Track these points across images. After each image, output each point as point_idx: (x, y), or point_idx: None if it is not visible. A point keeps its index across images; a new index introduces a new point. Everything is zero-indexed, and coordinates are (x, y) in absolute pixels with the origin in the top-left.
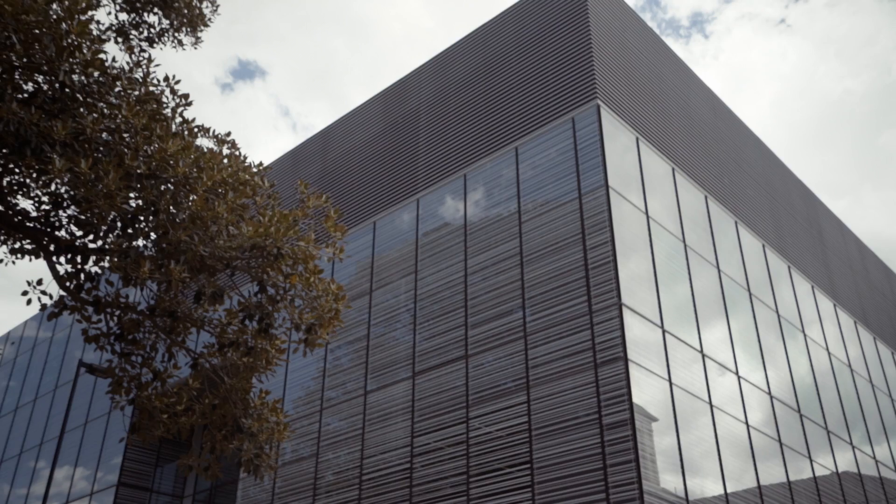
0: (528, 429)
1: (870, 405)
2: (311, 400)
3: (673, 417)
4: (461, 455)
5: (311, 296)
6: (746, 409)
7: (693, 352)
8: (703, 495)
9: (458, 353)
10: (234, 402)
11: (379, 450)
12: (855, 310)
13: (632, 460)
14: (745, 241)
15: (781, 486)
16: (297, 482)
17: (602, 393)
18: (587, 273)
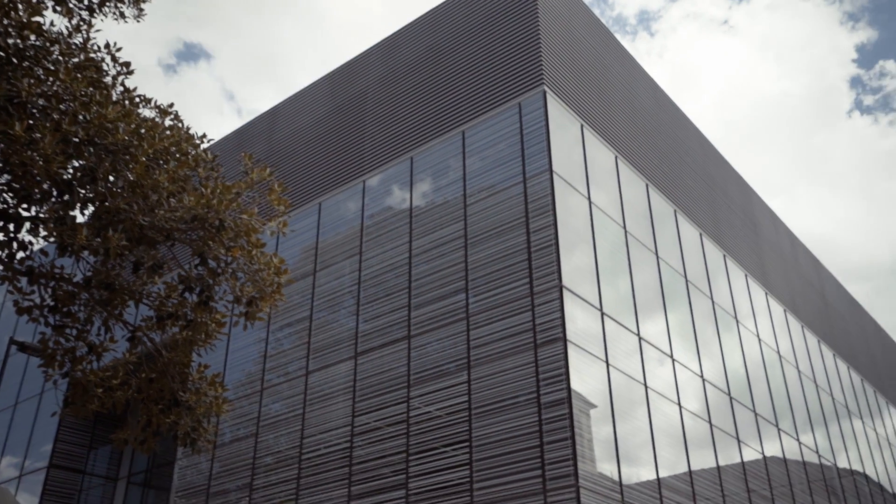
0: (467, 408)
1: (797, 393)
2: (251, 381)
3: (610, 406)
4: (401, 434)
5: (252, 269)
6: (682, 398)
7: (632, 337)
8: (638, 480)
9: (401, 333)
10: (171, 376)
11: (319, 430)
12: (785, 299)
13: (567, 438)
14: (684, 231)
15: (711, 471)
16: (235, 463)
17: (541, 373)
18: (530, 256)
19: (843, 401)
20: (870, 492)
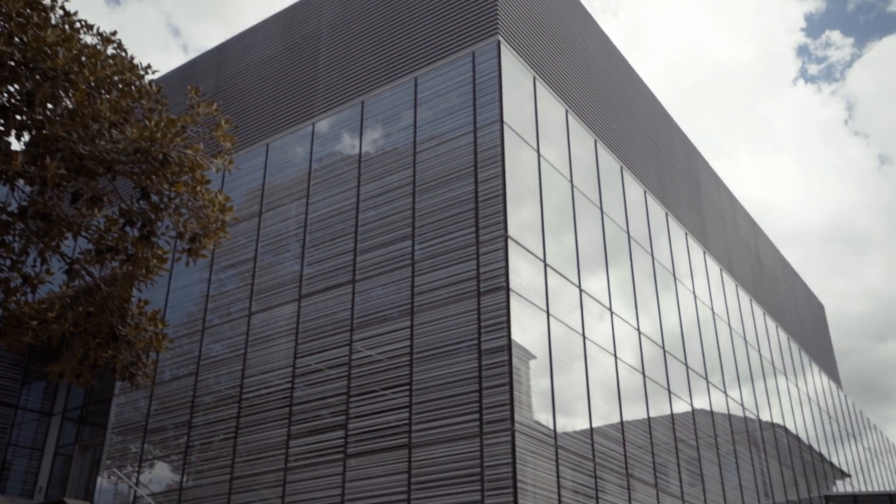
0: (409, 353)
1: (727, 349)
2: (192, 321)
3: (549, 358)
4: (343, 376)
5: (196, 206)
6: (619, 351)
7: (573, 291)
8: (573, 429)
9: (346, 278)
10: (110, 311)
11: (260, 370)
12: (722, 259)
13: (506, 384)
14: (629, 188)
15: (642, 422)
16: (174, 401)
17: (483, 321)
18: (477, 206)
19: (769, 358)
20: (787, 443)
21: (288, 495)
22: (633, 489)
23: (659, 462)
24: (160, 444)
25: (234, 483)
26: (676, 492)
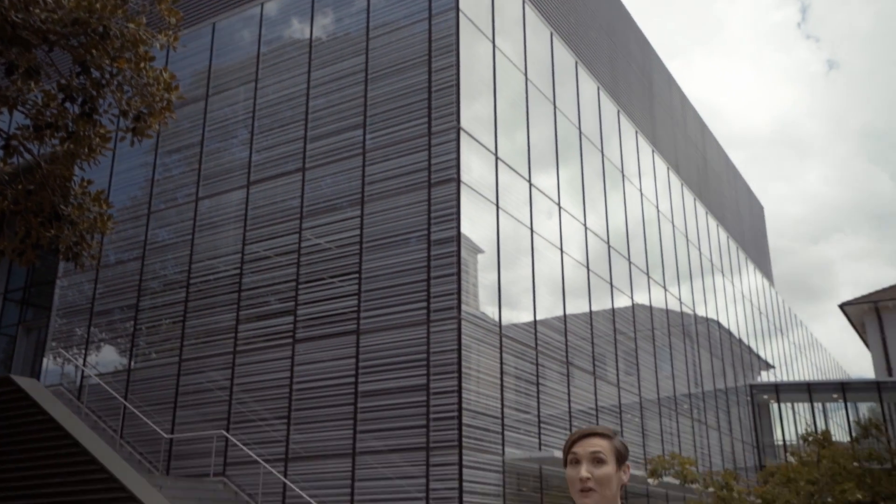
0: (358, 242)
1: (669, 247)
2: (136, 205)
3: (497, 252)
4: (291, 264)
5: (140, 83)
6: (565, 246)
7: (523, 186)
8: (518, 321)
9: (295, 166)
10: (52, 189)
11: (208, 256)
12: (670, 158)
13: (454, 274)
14: (583, 84)
15: (584, 315)
16: (120, 284)
17: (432, 212)
18: (430, 95)
19: (709, 256)
20: (719, 337)
21: (237, 377)
22: (573, 376)
23: (598, 352)
24: (106, 328)
25: (183, 365)
26: (613, 380)
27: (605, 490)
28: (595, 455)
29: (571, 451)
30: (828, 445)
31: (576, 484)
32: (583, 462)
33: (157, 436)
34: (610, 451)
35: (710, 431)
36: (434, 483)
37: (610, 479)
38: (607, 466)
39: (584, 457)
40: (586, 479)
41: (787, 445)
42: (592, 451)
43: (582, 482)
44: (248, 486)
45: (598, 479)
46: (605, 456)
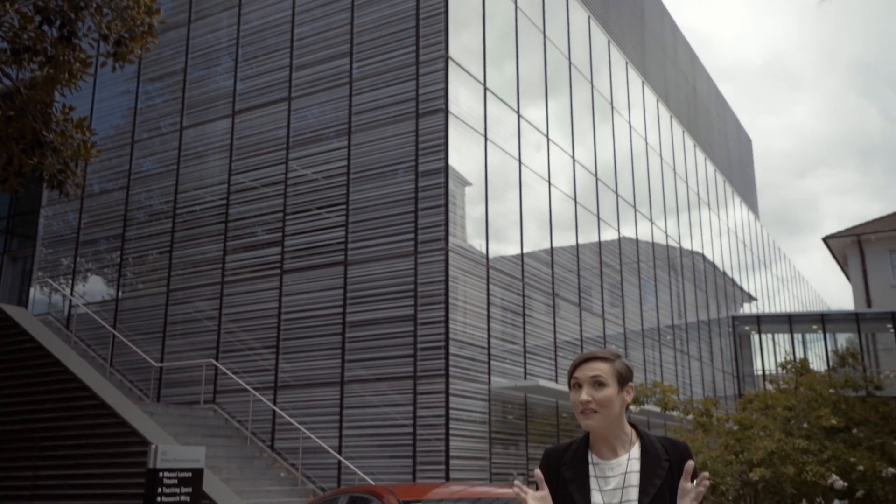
0: (346, 173)
1: (657, 180)
2: (119, 134)
3: (485, 185)
4: (278, 195)
5: (119, 6)
6: (553, 178)
7: (512, 117)
8: (505, 253)
9: (281, 95)
10: (33, 115)
11: (193, 186)
12: (659, 90)
13: (441, 205)
14: (574, 13)
15: (571, 248)
16: (105, 214)
17: (420, 143)
18: (418, 24)
19: (696, 190)
20: (704, 269)
21: (225, 307)
22: (559, 308)
23: (584, 284)
24: (93, 258)
25: (171, 295)
26: (598, 311)
27: (607, 411)
28: (595, 379)
29: (573, 375)
30: (805, 373)
31: (578, 407)
32: (584, 386)
33: (146, 364)
34: (611, 374)
35: (691, 361)
36: (421, 410)
37: (611, 400)
38: (608, 389)
39: (584, 381)
40: (587, 402)
41: (767, 375)
42: (592, 374)
43: (583, 405)
44: (238, 412)
45: (598, 401)
46: (605, 379)
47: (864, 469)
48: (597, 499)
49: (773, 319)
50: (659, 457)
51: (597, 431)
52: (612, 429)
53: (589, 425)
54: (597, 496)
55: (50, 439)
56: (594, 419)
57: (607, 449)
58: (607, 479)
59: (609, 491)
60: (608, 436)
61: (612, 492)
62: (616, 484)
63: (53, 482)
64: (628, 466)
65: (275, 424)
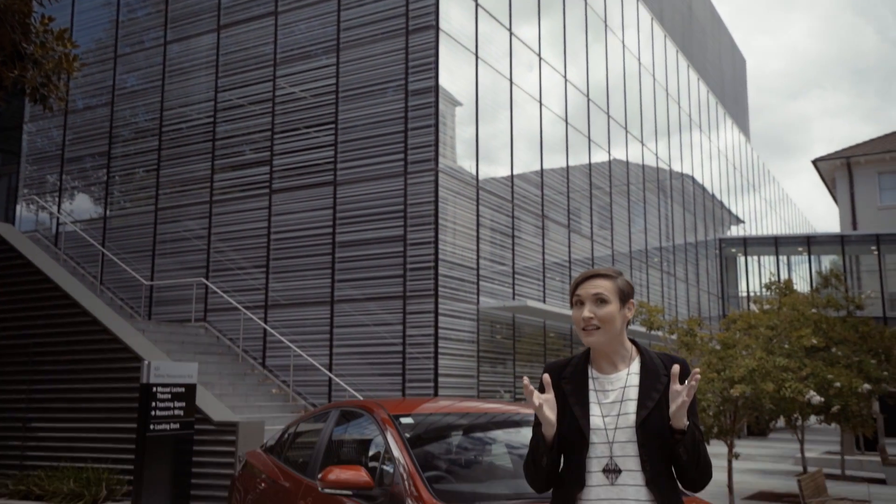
0: (334, 91)
1: (649, 101)
2: (101, 48)
3: (475, 105)
4: (266, 113)
5: None
6: (545, 99)
7: (504, 36)
8: (495, 175)
9: (268, 9)
10: (11, 26)
11: (179, 103)
12: (654, 8)
13: (431, 125)
14: None
15: (561, 170)
16: (89, 131)
17: (410, 61)
18: None
19: (688, 111)
20: (693, 192)
21: (214, 227)
22: (548, 229)
23: (573, 206)
24: (79, 175)
25: (160, 214)
26: (587, 233)
27: (609, 328)
28: (597, 296)
29: (575, 293)
30: (789, 294)
31: (580, 324)
32: (586, 303)
33: (136, 283)
34: (612, 291)
35: (678, 283)
36: (410, 330)
37: (613, 317)
38: (610, 306)
39: (586, 298)
40: (589, 318)
41: (751, 296)
42: (595, 292)
43: (585, 322)
44: (229, 330)
45: (600, 318)
46: (607, 296)
47: (841, 386)
48: (595, 411)
49: (759, 242)
50: (658, 372)
51: (598, 348)
52: (612, 345)
53: (591, 342)
54: (595, 409)
55: (43, 354)
56: (596, 336)
57: (607, 364)
58: (606, 392)
59: (608, 404)
60: (609, 351)
61: (610, 405)
62: (615, 398)
63: (48, 395)
64: (627, 381)
65: (266, 342)
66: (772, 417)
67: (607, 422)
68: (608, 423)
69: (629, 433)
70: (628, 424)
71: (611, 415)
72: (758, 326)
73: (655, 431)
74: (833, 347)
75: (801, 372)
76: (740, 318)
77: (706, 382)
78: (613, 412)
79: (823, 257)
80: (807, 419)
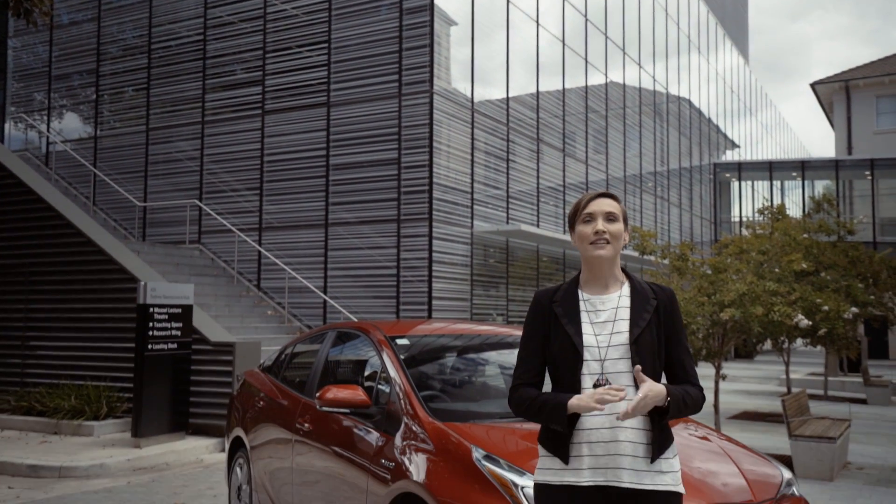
0: (327, 9)
1: (648, 22)
2: None
3: (471, 25)
4: (258, 31)
5: None
6: (543, 21)
7: None
8: (490, 97)
9: None
10: None
11: (168, 19)
12: None
13: (426, 45)
14: None
15: (557, 92)
16: (76, 47)
17: None
18: None
19: (687, 33)
20: (689, 116)
21: (207, 148)
22: (543, 153)
23: (569, 130)
24: (67, 94)
25: (151, 134)
26: (582, 157)
27: (617, 244)
28: (609, 214)
29: (585, 210)
30: (781, 218)
31: (590, 238)
32: (598, 218)
33: (129, 204)
34: (620, 212)
35: (671, 208)
36: (404, 253)
37: (621, 234)
38: (618, 224)
39: (599, 214)
40: (602, 231)
41: (743, 221)
42: (607, 210)
43: (598, 234)
44: (224, 253)
45: (612, 233)
46: (617, 215)
47: (828, 309)
48: (588, 330)
49: (753, 167)
50: (647, 296)
51: (603, 264)
52: (612, 265)
53: (601, 254)
54: (588, 328)
55: (39, 274)
56: (607, 249)
57: (599, 286)
58: (598, 312)
59: (600, 323)
60: (604, 273)
61: (602, 324)
62: (607, 317)
63: (45, 315)
64: (619, 302)
65: (260, 265)
66: (759, 340)
67: (599, 340)
68: (600, 342)
69: (622, 350)
70: (621, 342)
71: (603, 333)
72: (749, 251)
73: (648, 348)
74: (823, 272)
75: (791, 296)
76: (732, 244)
77: (696, 306)
78: (605, 331)
79: (817, 182)
80: (793, 342)
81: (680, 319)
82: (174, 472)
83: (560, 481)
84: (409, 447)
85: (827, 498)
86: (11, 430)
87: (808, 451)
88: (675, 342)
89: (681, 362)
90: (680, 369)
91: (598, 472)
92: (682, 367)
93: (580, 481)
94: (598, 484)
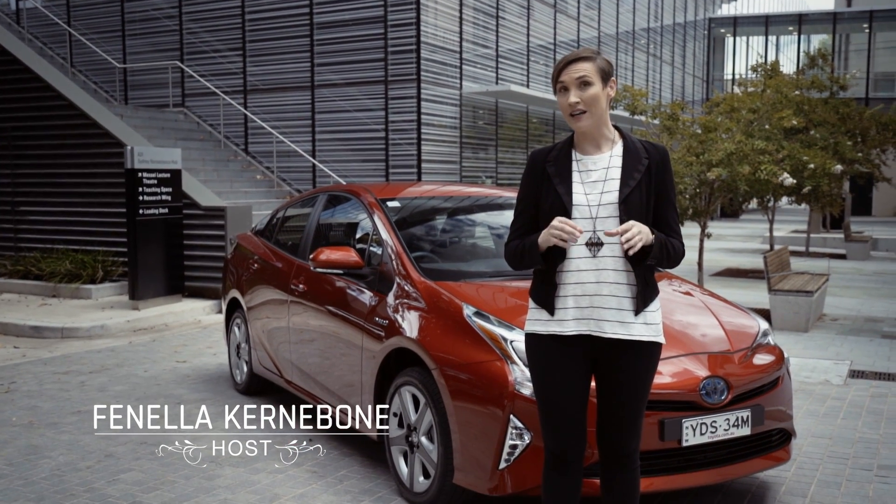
0: None
1: None
2: None
3: None
4: None
5: None
6: None
7: None
8: None
9: None
10: None
11: None
12: None
13: None
14: None
15: None
16: None
17: None
18: None
19: None
20: None
21: (185, 5)
22: (533, 10)
23: None
24: None
25: None
26: (574, 14)
27: (595, 109)
28: (581, 79)
29: (559, 80)
30: (774, 76)
31: (567, 110)
32: (571, 88)
33: (109, 65)
34: (594, 72)
35: (663, 66)
36: (392, 115)
37: (597, 98)
38: (594, 87)
39: (571, 83)
40: (575, 103)
41: (736, 79)
42: (578, 76)
43: (571, 107)
44: (209, 116)
45: (586, 101)
46: (590, 78)
47: (814, 167)
48: (578, 190)
49: (749, 21)
50: (639, 155)
51: (587, 131)
52: (599, 127)
53: (581, 126)
54: (579, 188)
55: (23, 139)
56: (584, 119)
57: (592, 146)
58: (589, 172)
59: (591, 183)
60: (595, 134)
61: (593, 184)
62: (598, 177)
63: (33, 180)
64: (611, 162)
65: (247, 128)
66: (745, 199)
67: (590, 199)
68: (591, 200)
69: (611, 209)
70: (611, 201)
71: (594, 192)
72: (740, 109)
73: (636, 208)
74: (812, 129)
75: (778, 155)
76: (723, 102)
77: (685, 166)
78: (596, 190)
79: (814, 37)
80: (779, 200)
81: (671, 178)
82: (173, 332)
83: (546, 331)
84: (401, 305)
85: (801, 347)
86: (10, 293)
87: (785, 305)
88: (664, 199)
89: (666, 220)
90: (665, 226)
91: (582, 323)
92: (668, 224)
93: (564, 331)
94: (582, 333)
